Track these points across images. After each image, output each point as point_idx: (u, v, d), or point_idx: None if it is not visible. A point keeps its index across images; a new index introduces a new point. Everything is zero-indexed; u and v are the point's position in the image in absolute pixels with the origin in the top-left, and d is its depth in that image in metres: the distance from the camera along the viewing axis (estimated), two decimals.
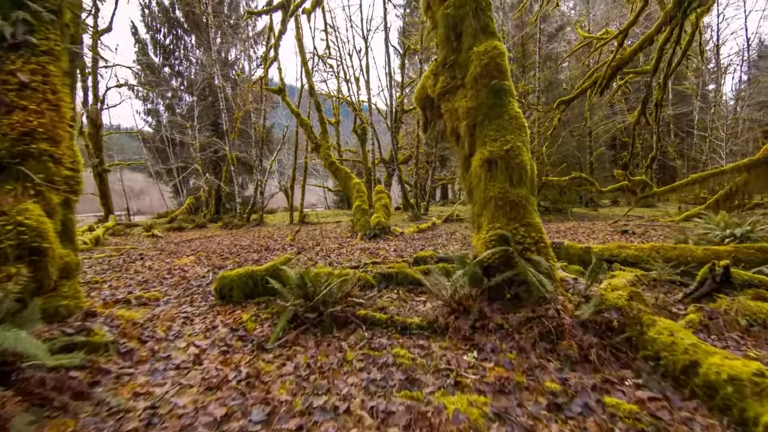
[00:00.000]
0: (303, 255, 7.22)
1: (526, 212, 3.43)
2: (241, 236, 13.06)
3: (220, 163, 21.66)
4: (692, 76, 26.15)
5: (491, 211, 3.47)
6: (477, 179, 3.61)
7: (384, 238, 9.17)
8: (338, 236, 10.62)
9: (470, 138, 3.73)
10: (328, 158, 11.09)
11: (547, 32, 19.29)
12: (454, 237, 9.39)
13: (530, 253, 3.31)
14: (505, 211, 3.42)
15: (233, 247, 9.06)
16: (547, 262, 3.28)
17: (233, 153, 19.09)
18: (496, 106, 3.62)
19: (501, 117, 3.59)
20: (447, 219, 16.05)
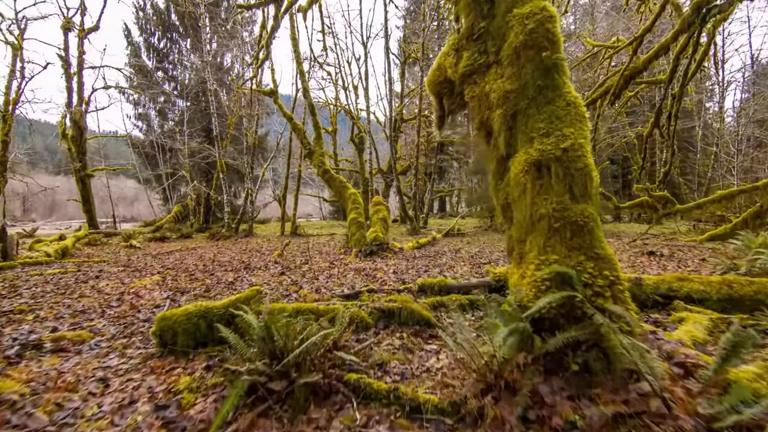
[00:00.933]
0: (287, 276, 6.07)
1: (594, 238, 2.32)
2: (225, 249, 11.89)
3: (212, 170, 20.54)
4: (693, 91, 25.44)
5: (542, 236, 2.37)
6: (519, 190, 2.51)
7: (381, 256, 8.04)
8: (331, 251, 9.48)
9: (508, 132, 2.64)
10: (321, 166, 10.00)
11: None
12: (459, 256, 8.27)
13: (603, 299, 2.20)
14: (563, 236, 2.31)
15: (210, 264, 7.89)
16: (628, 312, 2.16)
17: (224, 160, 17.98)
18: (546, 88, 2.53)
19: (554, 103, 2.51)
20: (448, 233, 14.97)
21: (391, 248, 8.74)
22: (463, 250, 9.59)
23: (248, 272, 6.57)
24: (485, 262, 7.24)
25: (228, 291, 5.14)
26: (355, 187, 26.09)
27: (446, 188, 29.96)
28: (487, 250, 9.32)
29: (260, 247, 12.18)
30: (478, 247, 10.25)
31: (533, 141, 2.49)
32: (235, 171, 22.94)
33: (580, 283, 2.21)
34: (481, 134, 2.92)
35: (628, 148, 23.51)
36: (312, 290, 5.01)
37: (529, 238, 2.47)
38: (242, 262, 7.95)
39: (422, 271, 6.27)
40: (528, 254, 2.45)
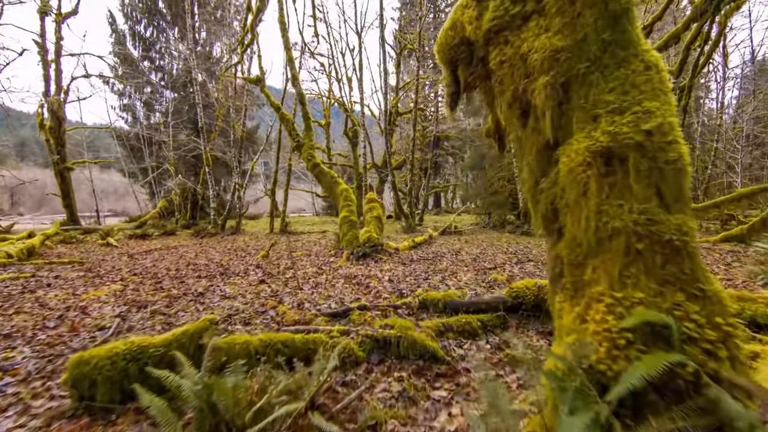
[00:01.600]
0: (268, 285, 5.24)
1: (696, 267, 1.53)
2: (209, 248, 11.03)
3: (199, 164, 19.55)
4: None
5: (616, 262, 1.57)
6: (576, 192, 1.71)
7: (375, 258, 7.23)
8: (321, 253, 8.65)
9: (556, 109, 1.83)
10: (311, 159, 9.15)
11: None
12: (460, 258, 7.49)
13: (716, 362, 1.41)
14: (651, 263, 1.51)
15: (185, 268, 7.03)
16: (760, 387, 1.38)
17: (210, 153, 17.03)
18: (615, 44, 1.73)
19: (627, 65, 1.71)
20: (444, 231, 14.20)
21: (386, 249, 7.94)
22: (463, 251, 8.82)
23: (224, 279, 5.73)
24: (490, 267, 6.46)
25: (194, 306, 4.31)
26: (349, 182, 25.21)
27: (441, 184, 29.18)
28: (490, 252, 8.55)
29: (246, 246, 11.32)
30: (478, 248, 9.48)
31: (598, 120, 1.68)
32: (224, 165, 21.94)
33: (680, 337, 1.42)
34: (513, 114, 2.10)
35: None
36: (293, 305, 4.20)
37: (592, 261, 1.67)
38: (221, 265, 7.10)
39: (421, 279, 5.48)
40: (592, 286, 1.65)
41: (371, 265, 6.75)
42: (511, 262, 7.04)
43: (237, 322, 3.70)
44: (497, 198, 16.92)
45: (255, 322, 3.67)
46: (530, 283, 3.79)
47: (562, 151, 1.81)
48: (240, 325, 3.62)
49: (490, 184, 17.68)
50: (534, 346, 3.14)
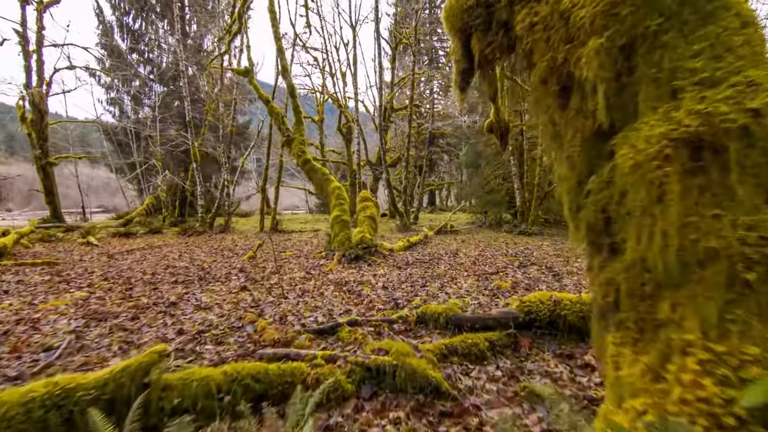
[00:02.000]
0: (249, 293, 4.73)
1: None
2: (194, 248, 10.47)
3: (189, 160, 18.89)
4: None
5: (716, 298, 1.08)
6: (647, 195, 1.22)
7: (369, 261, 6.74)
8: (310, 254, 8.14)
9: (611, 83, 1.34)
10: (301, 155, 8.62)
11: None
12: (459, 261, 7.01)
13: None
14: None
15: (165, 270, 6.49)
16: None
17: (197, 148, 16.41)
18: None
19: (717, 20, 1.22)
20: (440, 230, 13.74)
21: (380, 251, 7.45)
22: (461, 252, 8.35)
23: (202, 286, 5.20)
24: (492, 271, 5.99)
25: (163, 319, 3.79)
26: (342, 179, 24.65)
27: (436, 182, 28.73)
28: (489, 254, 8.09)
29: (234, 246, 10.78)
30: (477, 249, 9.02)
31: (680, 96, 1.19)
32: (215, 161, 21.25)
33: None
34: (547, 92, 1.60)
35: None
36: (275, 318, 3.69)
37: (671, 295, 1.18)
38: (202, 268, 6.56)
39: (418, 286, 4.99)
40: (672, 330, 1.16)
41: (364, 268, 6.25)
42: (513, 265, 6.58)
43: (208, 340, 3.18)
44: (494, 197, 16.49)
45: (228, 341, 3.16)
46: (544, 296, 3.31)
47: (621, 140, 1.32)
48: (211, 344, 3.11)
49: (486, 183, 17.24)
50: (553, 373, 2.66)
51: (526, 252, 8.29)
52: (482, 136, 17.46)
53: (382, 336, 3.25)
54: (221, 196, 13.50)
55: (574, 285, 5.14)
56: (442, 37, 31.72)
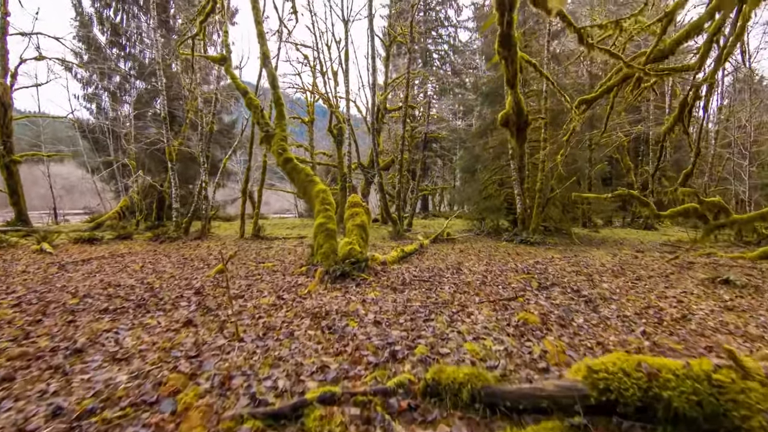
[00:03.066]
0: (192, 332, 3.44)
1: None
2: (161, 257, 9.15)
3: None
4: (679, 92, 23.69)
5: None
6: None
7: (357, 278, 5.48)
8: (289, 268, 6.85)
9: None
10: (282, 153, 7.34)
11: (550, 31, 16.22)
12: (465, 280, 5.79)
13: None
14: None
15: (105, 289, 5.15)
16: None
17: (181, 148, 15.03)
18: None
19: None
20: (436, 238, 12.54)
21: (371, 266, 6.20)
22: (464, 267, 7.13)
23: (137, 316, 3.90)
24: (508, 296, 4.78)
25: (46, 381, 2.49)
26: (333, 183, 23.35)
27: (429, 186, 27.57)
28: (496, 269, 6.88)
29: (207, 255, 9.46)
30: (480, 262, 7.82)
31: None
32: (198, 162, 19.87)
33: None
34: None
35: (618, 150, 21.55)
36: (213, 383, 2.42)
37: None
38: (150, 288, 5.23)
39: (421, 320, 3.75)
40: None
41: (351, 290, 4.99)
42: (530, 286, 5.38)
43: None
44: (492, 203, 15.35)
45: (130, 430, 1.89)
46: (627, 362, 2.08)
47: None
48: None
49: (483, 188, 16.10)
50: None
51: (538, 267, 7.11)
52: (479, 139, 16.35)
53: (372, 423, 2.01)
54: (198, 199, 12.13)
55: (620, 318, 3.95)
56: (437, 40, 30.74)
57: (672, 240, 14.32)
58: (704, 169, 18.68)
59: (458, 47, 30.55)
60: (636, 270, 6.79)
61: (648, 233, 17.87)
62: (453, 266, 7.22)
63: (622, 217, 21.06)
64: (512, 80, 4.21)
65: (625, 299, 4.76)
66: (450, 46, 30.62)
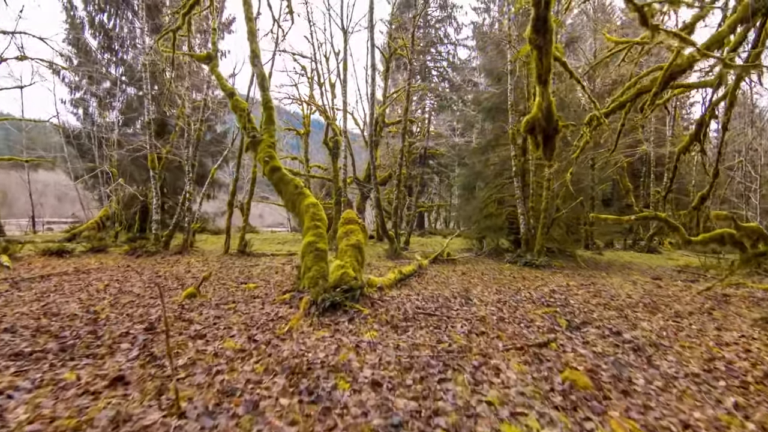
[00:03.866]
0: (123, 393, 2.44)
1: None
2: (131, 275, 8.11)
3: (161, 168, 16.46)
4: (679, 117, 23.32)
5: None
6: None
7: (350, 312, 4.49)
8: (271, 294, 5.85)
9: None
10: (269, 161, 6.41)
11: None
12: (475, 312, 4.83)
13: None
14: None
15: (39, 319, 4.12)
16: None
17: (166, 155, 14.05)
18: None
19: None
20: (436, 259, 11.59)
21: (367, 293, 5.22)
22: (472, 295, 6.17)
23: (57, 365, 2.88)
24: (537, 340, 3.82)
25: None
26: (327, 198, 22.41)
27: (426, 203, 26.73)
28: (510, 299, 5.92)
29: (185, 273, 8.45)
30: (489, 289, 6.88)
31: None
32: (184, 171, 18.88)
33: None
34: None
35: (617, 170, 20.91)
36: None
37: None
38: (94, 320, 4.19)
39: (434, 379, 2.78)
40: None
41: (343, 327, 4.00)
42: (558, 325, 4.43)
43: None
44: (492, 222, 14.47)
45: None
46: None
47: None
48: None
49: (483, 206, 15.24)
50: None
51: (557, 297, 6.17)
52: (480, 155, 15.57)
53: None
54: (181, 211, 11.11)
55: (690, 379, 3.01)
56: (436, 57, 30.36)
57: (680, 265, 13.51)
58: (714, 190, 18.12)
59: (457, 65, 30.18)
60: (669, 303, 5.87)
61: (652, 257, 17.07)
62: (459, 294, 6.26)
63: (623, 239, 20.28)
64: (545, 76, 3.39)
65: (678, 346, 3.82)
66: (449, 63, 30.25)
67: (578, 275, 10.85)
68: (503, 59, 15.97)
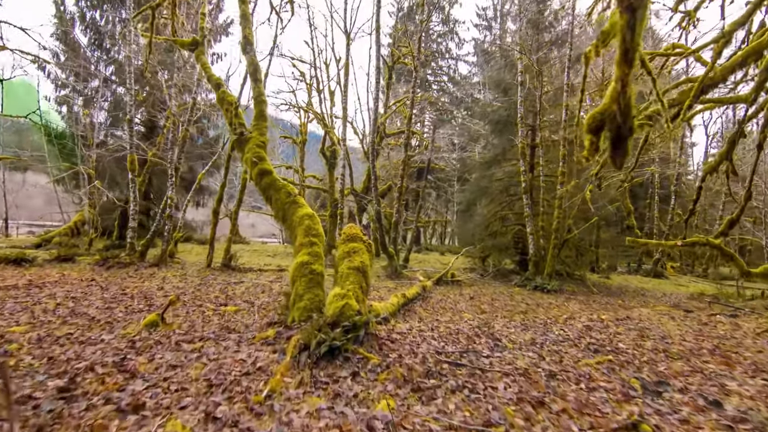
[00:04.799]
0: None
1: None
2: (93, 291, 6.88)
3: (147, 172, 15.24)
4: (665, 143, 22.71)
5: None
6: None
7: (353, 361, 3.33)
8: (254, 323, 4.67)
9: None
10: (257, 163, 5.28)
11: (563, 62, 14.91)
12: (515, 364, 3.69)
13: None
14: None
15: None
16: None
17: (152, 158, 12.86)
18: None
19: None
20: (440, 280, 10.45)
21: (373, 332, 4.06)
22: (497, 331, 5.04)
23: None
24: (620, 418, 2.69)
25: None
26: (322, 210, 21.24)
27: (423, 219, 25.67)
28: (543, 339, 4.79)
29: (158, 289, 7.24)
30: (513, 322, 5.75)
31: None
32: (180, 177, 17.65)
33: None
34: None
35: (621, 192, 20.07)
36: None
37: None
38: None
39: None
40: None
41: (345, 389, 2.83)
42: (626, 385, 3.31)
43: None
44: (499, 240, 13.40)
45: None
46: None
47: None
48: None
49: (488, 224, 14.19)
50: None
51: (599, 338, 5.05)
52: (486, 170, 14.59)
53: None
54: (159, 218, 9.88)
55: None
56: (437, 71, 29.72)
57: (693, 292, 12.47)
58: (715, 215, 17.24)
59: (457, 79, 29.55)
60: (736, 349, 4.78)
61: (661, 282, 16.10)
62: (481, 330, 5.12)
63: (626, 263, 19.33)
64: (632, 53, 2.34)
65: None
66: (449, 78, 29.61)
67: (594, 302, 9.78)
68: (511, 71, 15.14)
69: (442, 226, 31.58)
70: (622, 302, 10.08)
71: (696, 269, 20.33)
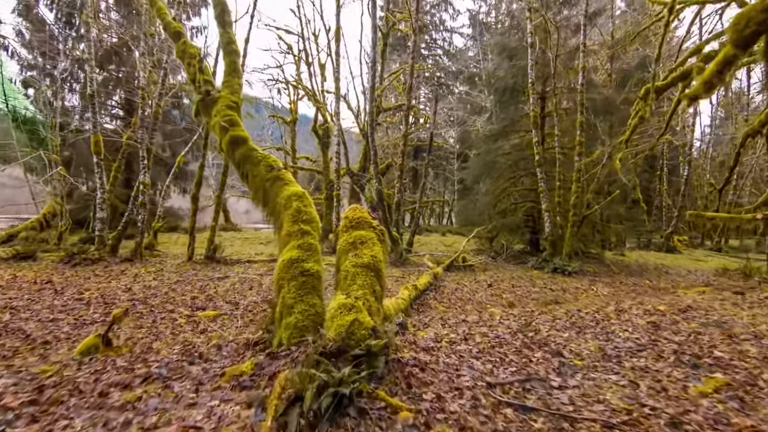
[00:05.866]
0: None
1: None
2: (41, 296, 5.58)
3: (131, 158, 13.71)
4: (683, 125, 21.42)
5: None
6: None
7: (371, 417, 2.11)
8: (230, 343, 3.43)
9: None
10: (227, 128, 3.92)
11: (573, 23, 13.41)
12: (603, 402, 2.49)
13: None
14: None
15: None
16: None
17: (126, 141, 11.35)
18: None
19: None
20: (450, 265, 9.25)
21: (396, 355, 2.82)
22: (541, 330, 3.84)
23: None
24: None
25: None
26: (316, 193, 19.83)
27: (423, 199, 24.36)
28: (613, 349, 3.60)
29: (124, 291, 5.97)
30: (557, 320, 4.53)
31: None
32: (158, 162, 16.16)
33: None
34: None
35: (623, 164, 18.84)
36: None
37: None
38: None
39: None
40: None
41: None
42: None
43: None
44: (510, 219, 12.16)
45: None
46: None
47: None
48: None
49: (496, 202, 12.93)
50: None
51: (676, 340, 3.86)
52: (493, 143, 13.23)
53: None
54: (131, 208, 8.50)
55: None
56: (431, 45, 27.92)
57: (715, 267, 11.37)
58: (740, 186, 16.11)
59: (452, 53, 27.82)
60: None
61: (677, 257, 15.06)
62: (527, 335, 3.91)
63: (636, 238, 18.27)
64: None
65: None
66: (444, 52, 27.86)
67: (621, 284, 8.66)
68: (517, 34, 13.62)
69: (440, 206, 30.34)
70: (650, 282, 8.98)
71: (705, 243, 19.34)
